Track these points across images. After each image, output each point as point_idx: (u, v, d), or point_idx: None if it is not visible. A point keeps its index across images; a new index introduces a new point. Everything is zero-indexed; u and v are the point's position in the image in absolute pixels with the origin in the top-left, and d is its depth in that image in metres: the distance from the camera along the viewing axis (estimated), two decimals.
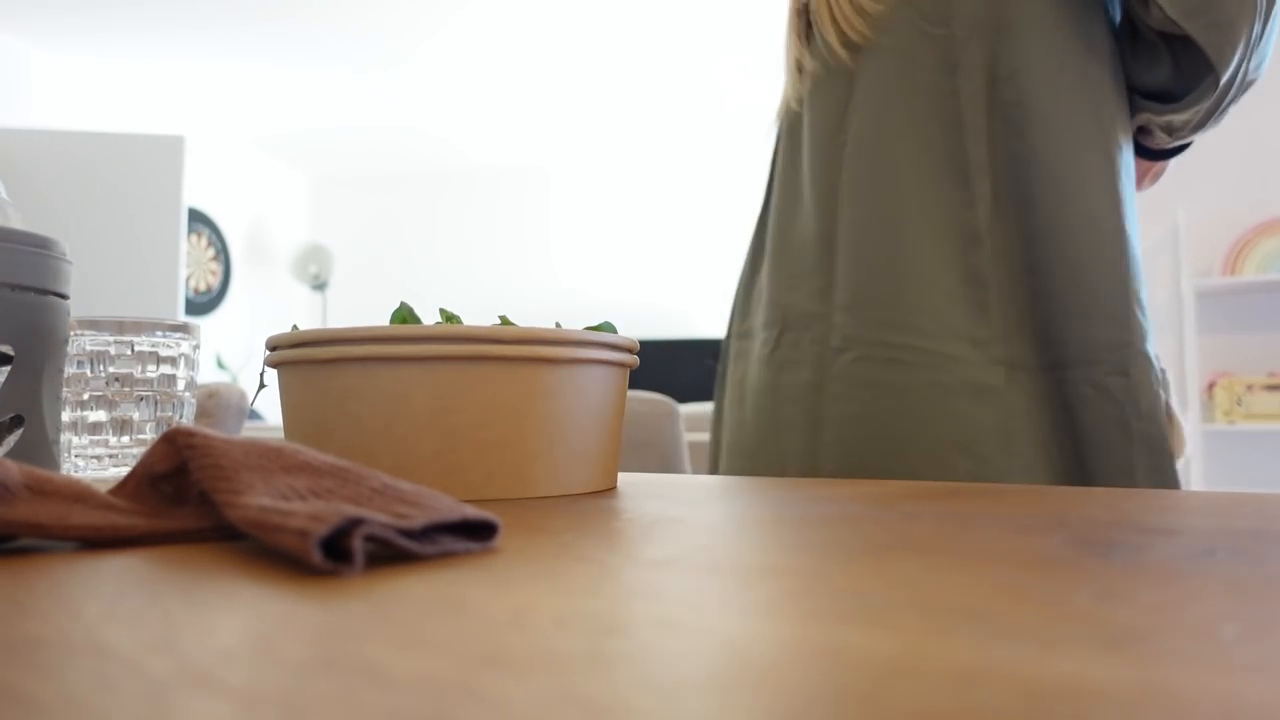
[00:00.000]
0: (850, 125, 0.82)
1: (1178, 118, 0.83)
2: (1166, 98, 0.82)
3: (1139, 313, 0.76)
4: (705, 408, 2.49)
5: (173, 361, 0.65)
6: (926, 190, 0.78)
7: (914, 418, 0.75)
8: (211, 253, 5.28)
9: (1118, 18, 0.83)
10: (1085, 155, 0.77)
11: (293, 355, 0.52)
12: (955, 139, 0.78)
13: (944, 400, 0.74)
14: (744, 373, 0.90)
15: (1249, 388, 3.38)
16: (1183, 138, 0.87)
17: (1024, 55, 0.78)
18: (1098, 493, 0.49)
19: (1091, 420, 0.74)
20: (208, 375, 5.26)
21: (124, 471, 0.62)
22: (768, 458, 0.84)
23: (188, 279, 5.07)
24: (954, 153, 0.78)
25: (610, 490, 0.54)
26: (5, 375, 0.51)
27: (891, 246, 0.78)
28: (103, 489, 0.37)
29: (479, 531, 0.32)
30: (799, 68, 0.89)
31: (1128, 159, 0.80)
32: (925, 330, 0.75)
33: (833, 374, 0.79)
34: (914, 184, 0.78)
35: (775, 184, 0.91)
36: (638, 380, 5.52)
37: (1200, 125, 0.84)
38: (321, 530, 0.27)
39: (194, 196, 5.17)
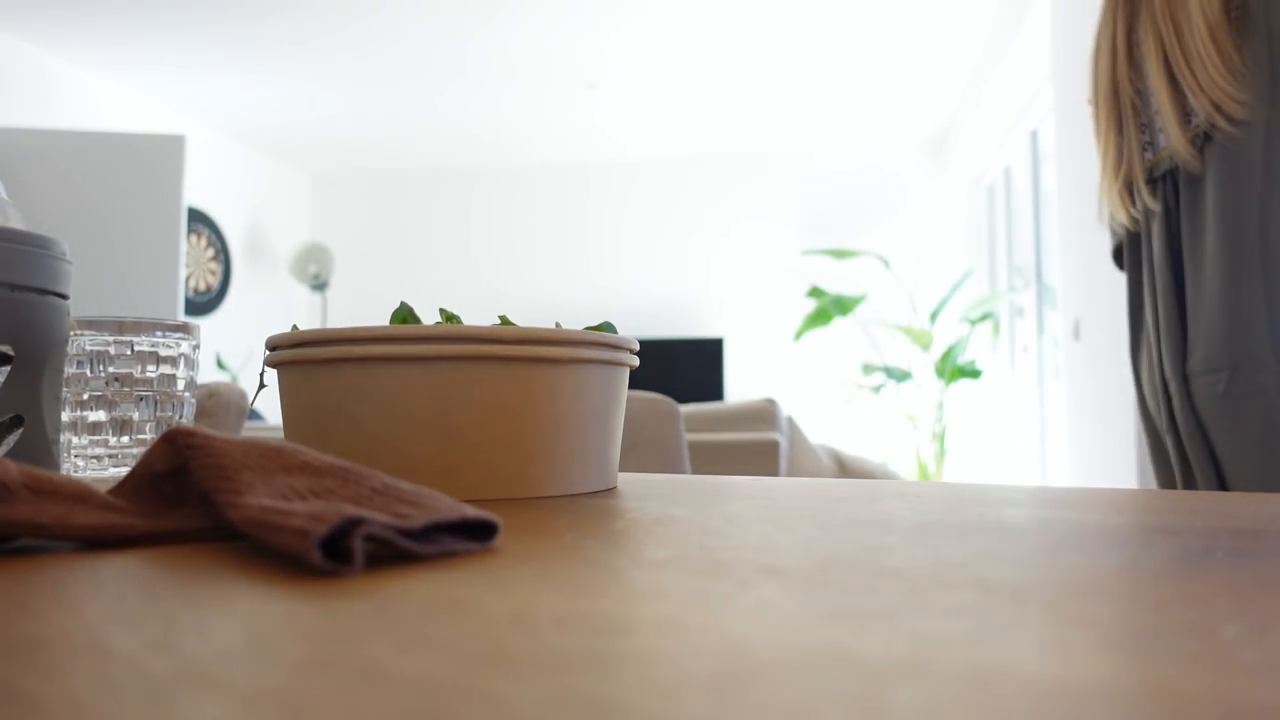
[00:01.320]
0: (1273, 204, 1.02)
1: None
2: None
3: None
4: (705, 408, 2.49)
5: (173, 361, 0.65)
6: None
7: None
8: (211, 252, 5.28)
9: None
10: None
11: (293, 355, 0.52)
12: None
13: None
14: (1201, 405, 1.12)
15: None
16: None
17: None
18: (1098, 493, 0.49)
19: None
20: (208, 375, 5.26)
21: (124, 471, 0.62)
22: (1249, 473, 1.07)
23: (188, 279, 5.07)
24: None
25: (610, 490, 0.54)
26: (5, 375, 0.51)
27: None
28: (103, 489, 0.37)
29: (479, 531, 0.32)
30: (1193, 141, 1.09)
31: None
32: None
33: None
34: None
35: (1184, 240, 1.12)
36: (638, 380, 5.51)
37: None
38: (321, 530, 0.27)
39: (194, 196, 5.17)
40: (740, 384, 5.63)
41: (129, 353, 0.63)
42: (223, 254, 5.36)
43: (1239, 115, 1.03)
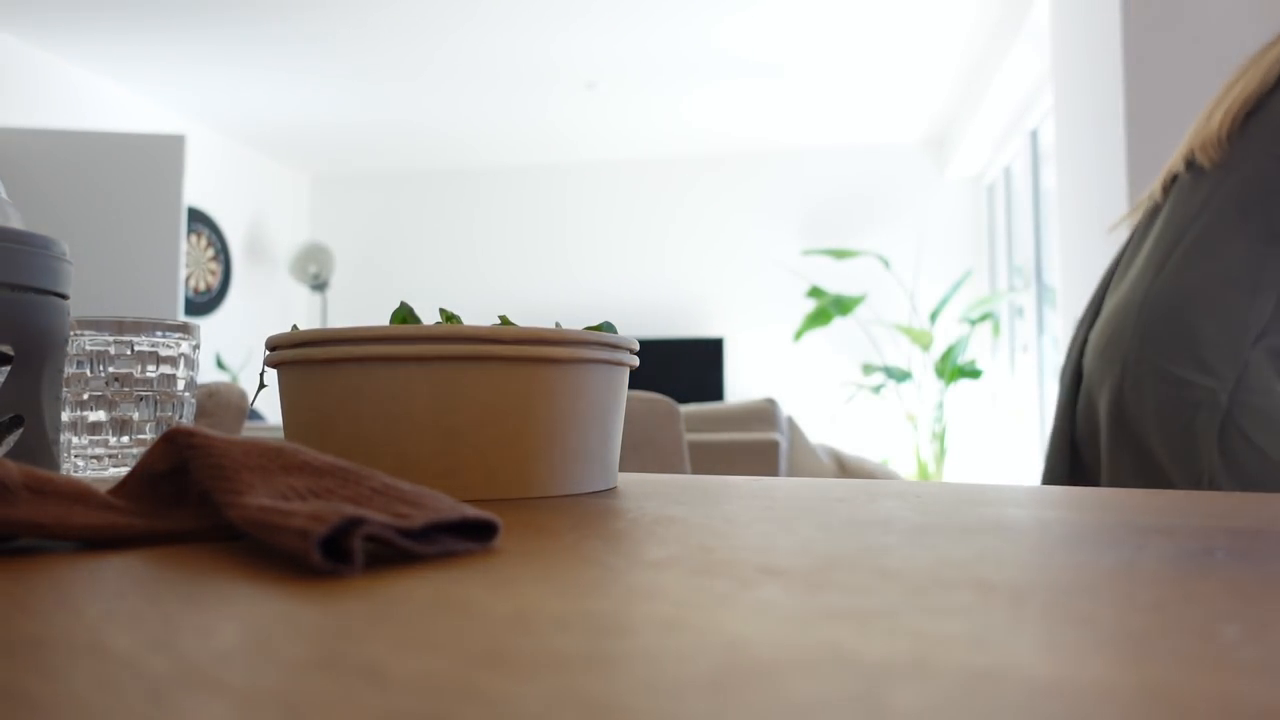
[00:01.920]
0: (1186, 235, 1.18)
1: None
2: None
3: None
4: (705, 408, 2.49)
5: (173, 361, 0.65)
6: (1228, 289, 1.13)
7: (1213, 419, 1.11)
8: (211, 253, 5.28)
9: None
10: None
11: (293, 355, 0.52)
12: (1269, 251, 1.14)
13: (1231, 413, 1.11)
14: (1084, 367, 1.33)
15: None
16: None
17: None
18: (1096, 493, 0.49)
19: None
20: (208, 375, 5.26)
21: (124, 471, 0.62)
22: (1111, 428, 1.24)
23: (188, 279, 5.07)
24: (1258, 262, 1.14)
25: (610, 490, 0.54)
26: (5, 375, 0.51)
27: (1190, 311, 1.15)
28: (103, 489, 0.37)
29: (479, 531, 0.32)
30: (1173, 177, 1.26)
31: None
32: (1208, 366, 1.13)
33: (1132, 382, 1.16)
34: (1218, 278, 1.14)
35: (1128, 248, 1.32)
36: (638, 380, 5.51)
37: None
38: (321, 530, 0.27)
39: (194, 196, 5.17)
40: (740, 384, 5.63)
41: (129, 353, 0.63)
42: (223, 254, 5.36)
43: (1199, 164, 1.21)
